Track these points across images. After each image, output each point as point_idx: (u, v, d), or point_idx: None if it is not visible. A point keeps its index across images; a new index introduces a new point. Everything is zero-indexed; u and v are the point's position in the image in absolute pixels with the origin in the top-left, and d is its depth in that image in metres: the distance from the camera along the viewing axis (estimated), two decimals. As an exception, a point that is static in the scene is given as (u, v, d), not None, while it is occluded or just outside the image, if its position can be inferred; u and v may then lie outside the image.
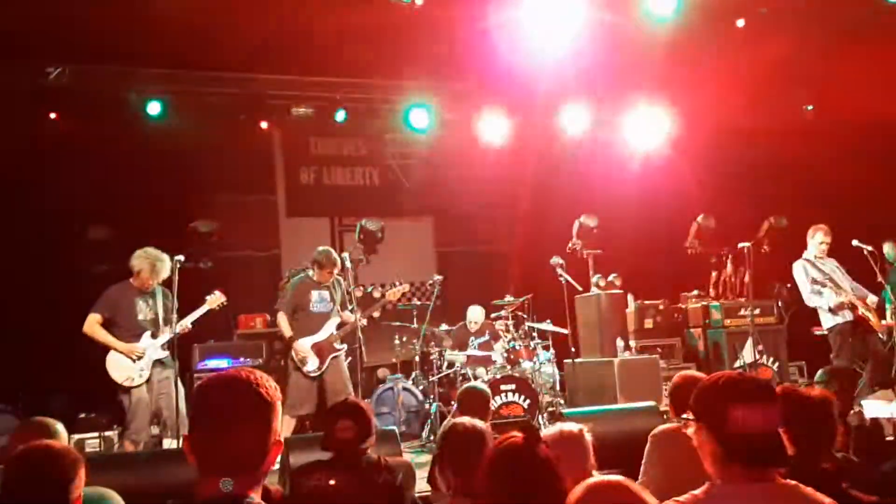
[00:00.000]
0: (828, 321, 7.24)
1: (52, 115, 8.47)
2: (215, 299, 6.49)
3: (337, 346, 6.80)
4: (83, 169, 8.30)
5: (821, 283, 7.03)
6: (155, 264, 6.11)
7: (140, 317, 6.10)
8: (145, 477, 4.05)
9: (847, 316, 7.14)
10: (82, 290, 6.55)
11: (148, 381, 5.97)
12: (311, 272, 6.95)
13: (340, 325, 6.83)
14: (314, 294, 6.84)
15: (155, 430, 6.11)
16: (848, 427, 4.11)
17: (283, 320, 6.84)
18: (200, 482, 1.72)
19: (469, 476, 2.52)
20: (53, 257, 8.31)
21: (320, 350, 6.73)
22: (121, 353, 5.92)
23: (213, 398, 1.76)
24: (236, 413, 1.72)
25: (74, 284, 8.09)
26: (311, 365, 6.69)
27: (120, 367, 5.93)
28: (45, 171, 8.16)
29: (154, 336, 6.08)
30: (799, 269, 7.32)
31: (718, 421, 2.01)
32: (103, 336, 5.95)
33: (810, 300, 7.27)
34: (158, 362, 6.05)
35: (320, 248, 7.05)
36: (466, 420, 3.00)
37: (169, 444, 5.93)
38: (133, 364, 5.94)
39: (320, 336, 6.77)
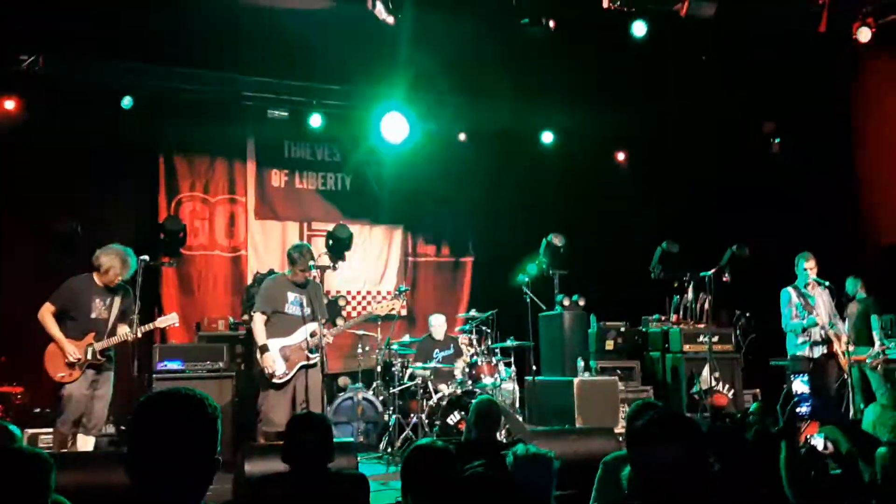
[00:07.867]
0: (797, 349, 7.28)
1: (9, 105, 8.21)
2: (167, 320, 6.40)
3: (310, 354, 6.26)
4: (48, 160, 8.18)
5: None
6: (126, 260, 6.01)
7: (93, 315, 5.99)
8: (95, 478, 3.99)
9: (816, 351, 7.21)
10: (41, 282, 6.42)
11: (80, 380, 5.90)
12: (287, 271, 6.50)
13: (313, 334, 6.26)
14: (290, 295, 6.35)
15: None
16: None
17: (259, 323, 6.31)
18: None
19: None
20: (15, 248, 8.17)
21: (289, 355, 6.25)
22: (60, 350, 5.87)
23: (156, 418, 1.72)
24: (181, 434, 1.69)
25: (31, 276, 7.93)
26: (278, 369, 6.20)
27: (55, 362, 5.89)
28: (11, 159, 8.01)
29: (98, 339, 5.96)
30: (785, 295, 7.39)
31: (633, 455, 2.11)
32: (51, 327, 5.90)
33: (788, 325, 7.31)
34: (91, 365, 5.97)
35: (294, 244, 6.82)
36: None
37: (83, 442, 5.91)
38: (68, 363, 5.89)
39: (291, 340, 6.29)
